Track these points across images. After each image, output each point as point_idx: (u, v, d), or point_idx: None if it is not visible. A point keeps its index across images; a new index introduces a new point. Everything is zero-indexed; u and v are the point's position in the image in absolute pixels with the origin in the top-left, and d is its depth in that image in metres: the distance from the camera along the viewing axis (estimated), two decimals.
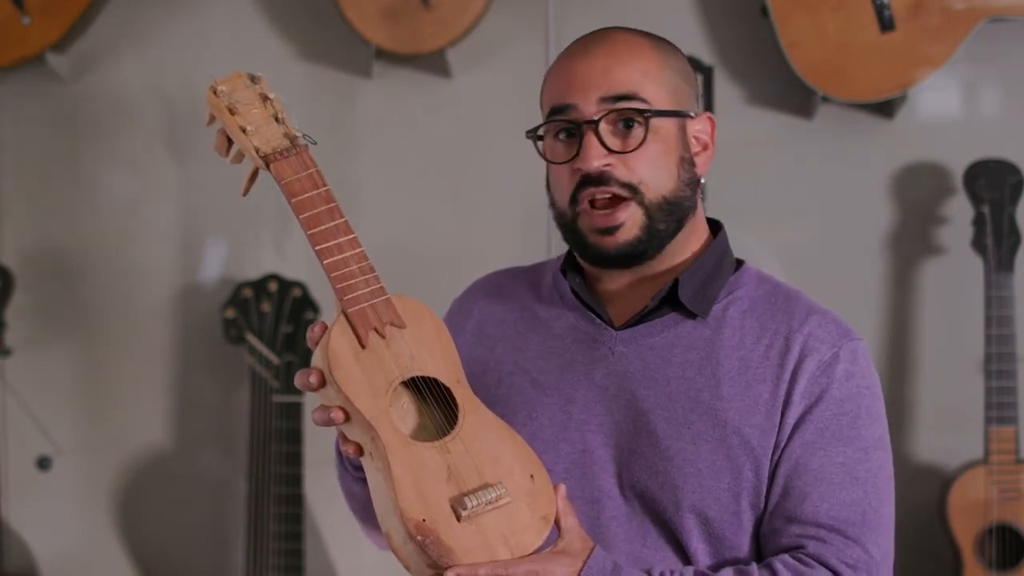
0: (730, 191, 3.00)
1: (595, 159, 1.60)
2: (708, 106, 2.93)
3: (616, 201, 1.61)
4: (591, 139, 1.60)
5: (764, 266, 3.02)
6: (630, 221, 1.61)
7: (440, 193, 3.19)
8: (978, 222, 2.94)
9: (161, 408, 3.24)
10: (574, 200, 1.63)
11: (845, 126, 3.09)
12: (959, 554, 2.90)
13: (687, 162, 1.65)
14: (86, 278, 3.25)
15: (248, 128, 1.58)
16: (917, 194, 3.09)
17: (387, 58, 3.12)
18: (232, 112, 1.59)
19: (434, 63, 3.13)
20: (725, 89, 3.07)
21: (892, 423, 3.17)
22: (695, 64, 2.93)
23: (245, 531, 3.02)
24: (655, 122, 1.61)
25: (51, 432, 3.25)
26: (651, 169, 1.61)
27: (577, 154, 1.61)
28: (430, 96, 3.17)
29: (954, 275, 3.05)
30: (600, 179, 1.60)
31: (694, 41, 3.10)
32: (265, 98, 1.60)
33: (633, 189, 1.61)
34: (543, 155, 1.67)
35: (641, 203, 1.61)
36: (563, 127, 1.64)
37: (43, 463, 3.25)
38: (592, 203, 1.62)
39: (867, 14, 2.93)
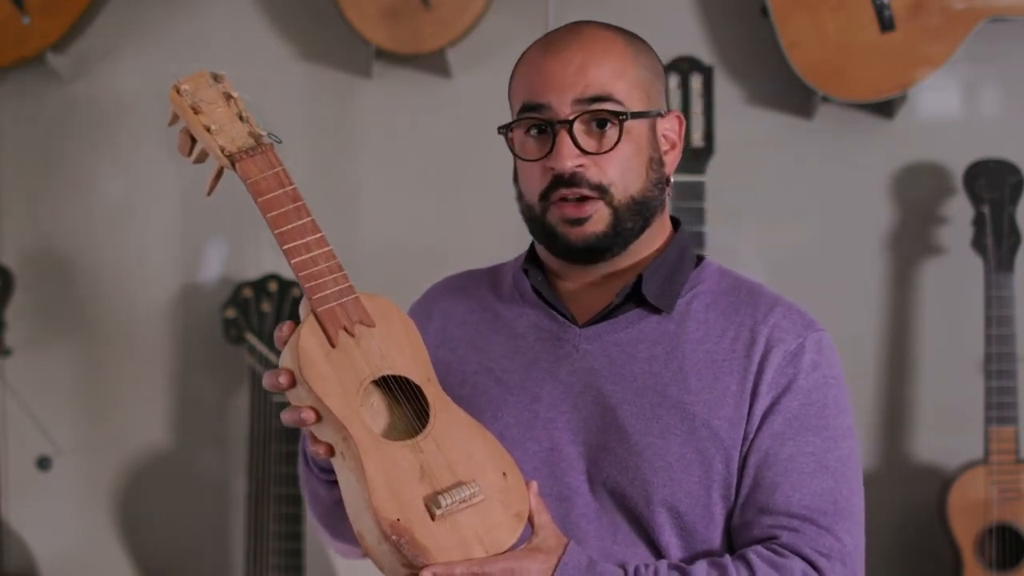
0: (730, 191, 3.00)
1: (568, 159, 1.60)
2: (708, 106, 2.92)
3: (585, 199, 1.62)
4: (564, 139, 1.60)
5: (762, 267, 3.02)
6: (596, 215, 1.61)
7: (440, 193, 3.19)
8: (978, 222, 2.93)
9: (161, 408, 3.24)
10: (544, 197, 1.63)
11: (845, 126, 3.09)
12: (959, 554, 2.90)
13: (656, 162, 1.65)
14: (86, 278, 3.25)
15: (213, 127, 1.57)
16: (917, 194, 3.09)
17: (387, 58, 3.12)
18: (196, 111, 1.58)
19: (434, 63, 3.13)
20: (725, 89, 3.07)
21: (892, 423, 3.18)
22: (695, 64, 2.93)
23: (245, 531, 3.02)
24: (628, 124, 1.61)
25: (51, 432, 3.25)
26: (622, 170, 1.62)
27: (550, 153, 1.61)
28: (430, 96, 3.17)
29: (954, 275, 3.05)
30: (572, 180, 1.60)
31: (694, 41, 3.10)
32: (229, 97, 1.59)
33: (603, 190, 1.61)
34: (512, 149, 1.67)
35: (609, 203, 1.61)
36: (535, 123, 1.63)
37: (43, 463, 3.25)
38: (562, 199, 1.62)
39: (867, 14, 2.93)
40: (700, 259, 1.73)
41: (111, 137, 3.24)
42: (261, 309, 3.03)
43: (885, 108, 3.05)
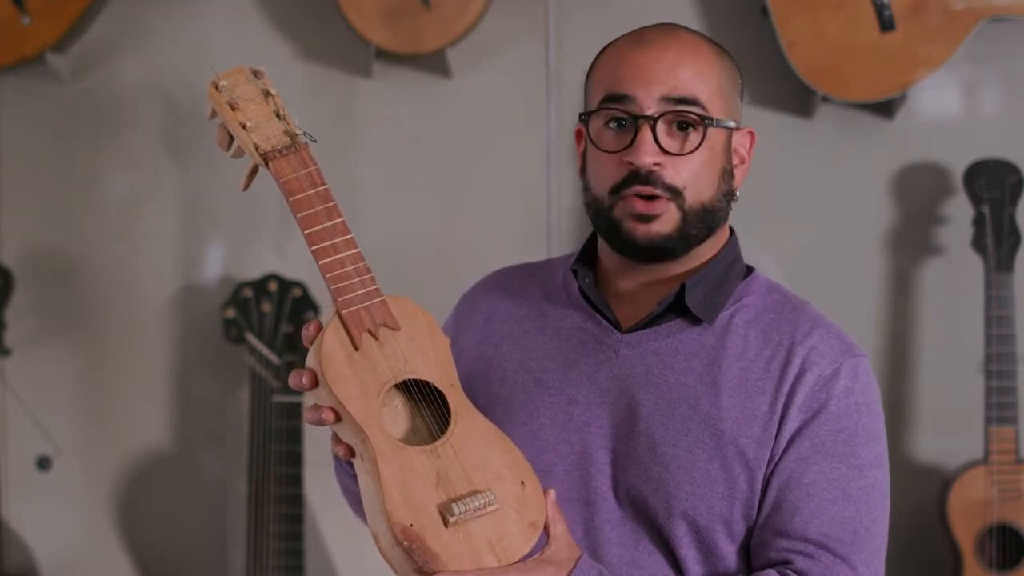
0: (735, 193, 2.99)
1: (648, 156, 1.58)
2: None
3: (656, 198, 1.61)
4: (647, 135, 1.59)
5: (762, 267, 3.04)
6: (666, 215, 1.60)
7: (440, 193, 3.19)
8: (978, 222, 2.93)
9: (161, 408, 3.24)
10: (616, 191, 1.61)
11: (845, 126, 3.09)
12: (959, 554, 2.90)
13: (727, 173, 1.65)
14: (86, 278, 3.25)
15: (248, 124, 1.57)
16: (917, 194, 3.08)
17: (387, 58, 3.12)
18: (233, 108, 1.57)
19: (434, 63, 3.13)
20: None
21: (892, 423, 3.18)
22: None
23: (245, 531, 3.02)
24: (710, 131, 1.60)
25: (51, 432, 3.24)
26: (696, 175, 1.60)
27: (628, 147, 1.60)
28: (430, 96, 3.17)
29: (954, 275, 3.05)
30: (647, 178, 1.59)
31: None
32: (267, 94, 1.59)
33: (676, 192, 1.60)
34: (591, 138, 1.65)
35: (680, 206, 1.60)
36: (616, 116, 1.62)
37: (43, 463, 3.25)
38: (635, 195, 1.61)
39: (867, 14, 2.93)
40: (750, 270, 1.72)
41: (111, 137, 3.24)
42: (261, 309, 3.03)
43: (885, 108, 3.05)
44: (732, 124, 1.65)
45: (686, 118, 1.60)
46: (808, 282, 2.97)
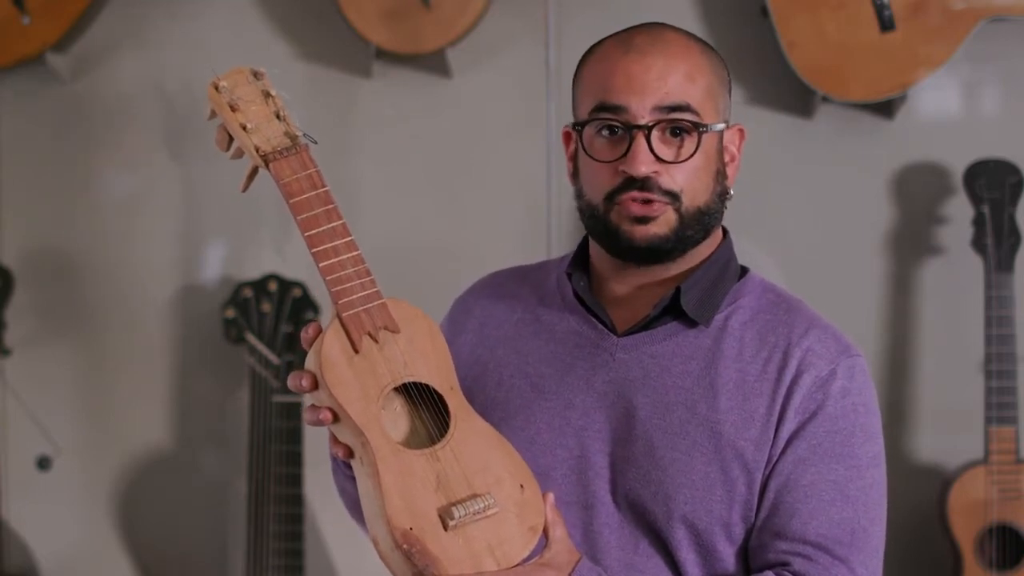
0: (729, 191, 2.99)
1: (643, 165, 1.58)
2: None
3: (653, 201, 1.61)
4: (641, 144, 1.59)
5: (762, 267, 3.04)
6: (663, 218, 1.60)
7: (440, 193, 3.19)
8: (978, 222, 2.94)
9: (161, 408, 3.24)
10: (610, 198, 1.62)
11: (845, 126, 3.09)
12: (959, 554, 2.90)
13: (721, 174, 1.65)
14: (86, 278, 3.25)
15: (248, 126, 1.56)
16: (917, 194, 3.09)
17: (387, 58, 3.12)
18: (233, 109, 1.57)
19: (434, 63, 3.13)
20: None
21: (892, 423, 3.19)
22: None
23: (245, 531, 3.02)
24: (703, 136, 1.61)
25: (51, 432, 3.24)
26: (692, 179, 1.61)
27: (624, 156, 1.60)
28: (430, 96, 3.17)
29: (954, 275, 3.05)
30: (644, 184, 1.59)
31: None
32: (267, 95, 1.58)
33: (673, 196, 1.60)
34: (583, 146, 1.65)
35: (677, 209, 1.60)
36: (608, 124, 1.62)
37: (43, 463, 3.25)
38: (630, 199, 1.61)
39: (867, 14, 2.93)
40: (744, 271, 1.72)
41: (111, 137, 3.24)
42: (261, 309, 3.03)
43: (885, 108, 3.05)
44: (723, 126, 1.65)
45: (680, 124, 1.60)
46: (808, 282, 2.97)
